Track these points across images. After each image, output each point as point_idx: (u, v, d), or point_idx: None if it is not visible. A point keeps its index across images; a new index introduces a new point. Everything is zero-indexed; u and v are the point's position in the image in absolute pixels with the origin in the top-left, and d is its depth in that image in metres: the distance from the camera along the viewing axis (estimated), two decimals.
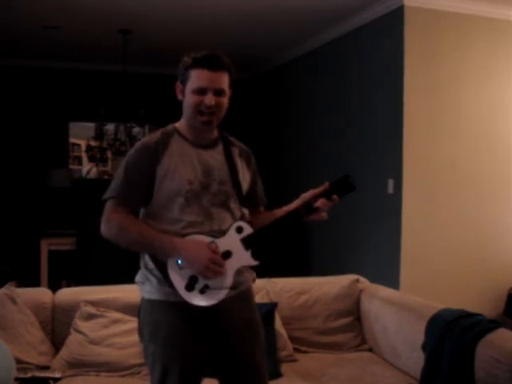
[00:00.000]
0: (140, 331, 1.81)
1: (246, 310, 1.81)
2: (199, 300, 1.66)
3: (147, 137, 1.81)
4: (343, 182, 1.74)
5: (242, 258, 1.67)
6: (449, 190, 4.15)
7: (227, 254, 1.66)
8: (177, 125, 1.82)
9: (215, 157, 1.79)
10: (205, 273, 1.64)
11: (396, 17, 4.08)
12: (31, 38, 5.39)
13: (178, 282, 1.66)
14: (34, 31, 5.09)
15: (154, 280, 1.73)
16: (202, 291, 1.65)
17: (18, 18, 4.72)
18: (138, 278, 1.81)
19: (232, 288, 1.72)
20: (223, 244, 1.67)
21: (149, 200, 1.75)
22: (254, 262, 1.68)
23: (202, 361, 1.75)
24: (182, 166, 1.73)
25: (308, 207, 1.68)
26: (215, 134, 1.83)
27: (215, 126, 1.78)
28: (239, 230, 1.68)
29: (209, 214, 1.72)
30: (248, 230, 1.69)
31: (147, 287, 1.76)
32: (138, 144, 1.80)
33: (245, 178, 1.84)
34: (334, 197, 1.70)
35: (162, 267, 1.69)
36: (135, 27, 4.98)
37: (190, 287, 1.65)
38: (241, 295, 1.79)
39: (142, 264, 1.79)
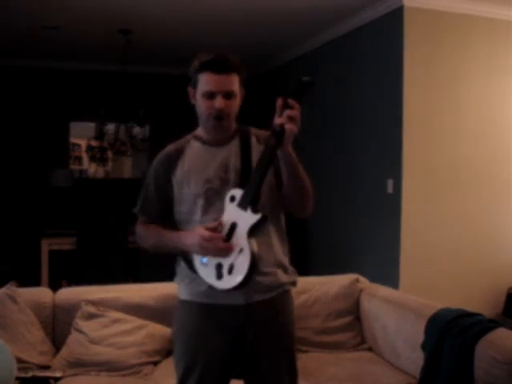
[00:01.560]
0: (172, 329, 1.87)
1: (273, 317, 1.77)
2: (231, 280, 1.63)
3: (165, 148, 1.85)
4: (297, 86, 1.59)
5: (246, 219, 1.63)
6: (448, 189, 4.16)
7: (233, 226, 1.64)
8: (196, 131, 1.84)
9: (231, 149, 1.77)
10: (203, 251, 1.64)
11: (396, 17, 4.09)
12: (31, 38, 5.40)
13: (211, 278, 1.67)
14: (33, 31, 5.09)
15: (186, 281, 1.77)
16: (230, 271, 1.63)
17: (18, 18, 4.73)
18: (175, 279, 1.86)
19: (260, 292, 1.71)
20: (227, 219, 1.66)
21: (170, 209, 1.80)
22: (257, 216, 1.62)
23: (226, 362, 1.75)
24: (197, 169, 1.75)
25: (275, 133, 1.57)
26: (232, 130, 1.81)
27: (228, 127, 1.77)
28: (232, 198, 1.66)
29: None
30: (239, 193, 1.66)
31: (180, 288, 1.82)
32: (157, 156, 1.85)
33: None
34: (289, 101, 1.55)
35: (192, 267, 1.72)
36: (135, 27, 4.98)
37: (219, 275, 1.65)
38: (271, 301, 1.76)
39: (177, 267, 1.83)
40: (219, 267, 1.65)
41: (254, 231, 1.63)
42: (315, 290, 2.93)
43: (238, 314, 1.71)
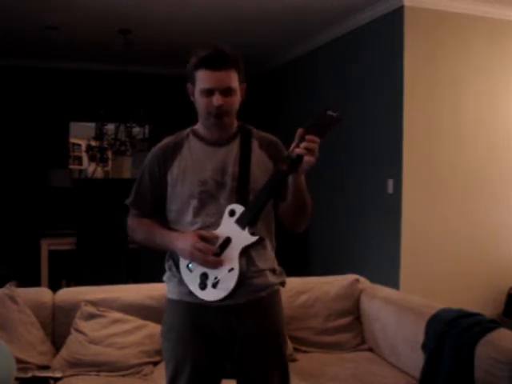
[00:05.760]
0: (161, 328, 1.85)
1: (262, 316, 1.75)
2: (214, 295, 1.64)
3: (163, 140, 1.81)
4: (321, 119, 1.53)
5: (241, 238, 1.62)
6: (449, 189, 4.16)
7: (227, 241, 1.64)
8: (195, 126, 1.81)
9: (231, 152, 1.74)
10: (192, 259, 1.64)
11: (396, 17, 4.09)
12: (31, 38, 5.40)
13: (193, 285, 1.67)
14: (34, 31, 5.09)
15: (175, 280, 1.76)
16: (215, 285, 1.63)
17: (19, 19, 4.73)
18: (164, 277, 1.84)
19: (250, 292, 1.70)
20: (222, 232, 1.65)
21: (163, 205, 1.77)
22: (253, 239, 1.62)
23: (216, 362, 1.74)
24: (193, 168, 1.72)
25: (291, 160, 1.55)
26: (233, 128, 1.78)
27: (229, 124, 1.74)
28: (231, 213, 1.64)
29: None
30: (240, 209, 1.64)
31: (169, 287, 1.80)
32: (153, 148, 1.82)
33: (261, 169, 1.74)
34: (310, 137, 1.51)
35: (178, 268, 1.73)
36: (135, 27, 4.98)
37: (203, 285, 1.65)
38: (260, 301, 1.74)
39: (167, 266, 1.82)
40: (204, 277, 1.65)
41: (246, 251, 1.64)
42: (315, 290, 2.92)
43: (227, 314, 1.70)
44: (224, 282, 1.62)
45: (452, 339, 2.26)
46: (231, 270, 1.62)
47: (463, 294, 4.06)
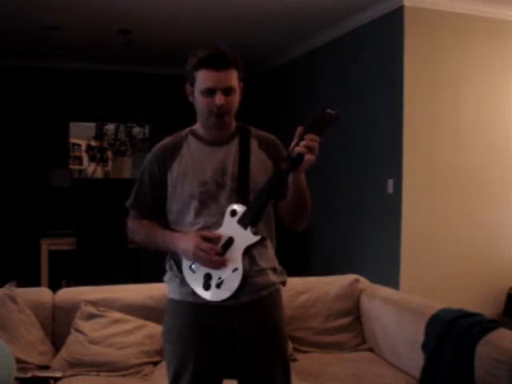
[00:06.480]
0: (162, 329, 1.85)
1: (263, 315, 1.75)
2: (219, 295, 1.64)
3: (161, 141, 1.81)
4: (320, 117, 1.54)
5: (244, 238, 1.63)
6: (449, 189, 4.16)
7: (230, 241, 1.64)
8: (194, 126, 1.81)
9: (230, 151, 1.74)
10: (196, 260, 1.64)
11: (396, 17, 4.09)
12: (32, 38, 5.40)
13: (196, 285, 1.67)
14: (34, 31, 5.09)
15: (176, 280, 1.75)
16: (219, 286, 1.63)
17: (19, 19, 4.73)
18: (165, 278, 1.84)
19: (252, 292, 1.70)
20: (224, 232, 1.65)
21: (163, 205, 1.77)
22: (255, 238, 1.63)
23: (218, 362, 1.73)
24: (194, 168, 1.72)
25: (291, 159, 1.55)
26: (232, 128, 1.78)
27: (229, 123, 1.74)
28: (233, 213, 1.65)
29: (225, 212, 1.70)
30: (241, 209, 1.65)
31: (171, 287, 1.80)
32: (152, 149, 1.82)
33: (260, 168, 1.74)
34: (310, 135, 1.52)
35: (180, 269, 1.73)
36: (135, 27, 4.98)
37: (206, 286, 1.65)
38: (262, 300, 1.74)
39: (167, 266, 1.82)
40: (208, 277, 1.65)
41: (248, 250, 1.64)
42: (315, 290, 2.92)
43: (229, 313, 1.70)
44: (228, 282, 1.62)
45: (452, 339, 2.26)
46: (235, 269, 1.62)
47: (463, 294, 4.06)
